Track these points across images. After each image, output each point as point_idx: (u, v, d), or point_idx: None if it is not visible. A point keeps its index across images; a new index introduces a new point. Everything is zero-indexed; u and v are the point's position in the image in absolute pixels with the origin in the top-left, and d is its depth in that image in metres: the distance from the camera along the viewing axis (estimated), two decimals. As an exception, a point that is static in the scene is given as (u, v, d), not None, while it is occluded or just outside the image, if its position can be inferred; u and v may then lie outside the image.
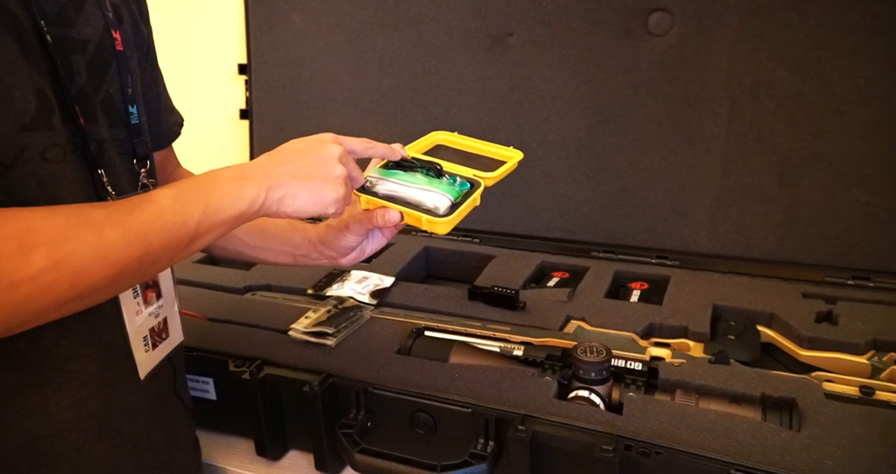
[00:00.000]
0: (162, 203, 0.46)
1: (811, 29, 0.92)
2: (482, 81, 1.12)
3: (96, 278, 0.41)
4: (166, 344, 0.61)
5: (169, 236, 0.46)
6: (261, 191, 0.51)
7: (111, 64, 0.52)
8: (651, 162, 1.04)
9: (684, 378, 0.69)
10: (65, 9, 0.48)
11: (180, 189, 0.48)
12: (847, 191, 0.94)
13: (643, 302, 0.90)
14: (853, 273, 0.93)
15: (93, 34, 0.50)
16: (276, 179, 0.52)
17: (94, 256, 0.41)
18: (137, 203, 0.45)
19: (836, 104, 0.93)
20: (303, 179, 0.53)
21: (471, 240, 1.14)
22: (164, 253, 0.46)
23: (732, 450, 0.56)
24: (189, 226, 0.47)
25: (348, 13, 1.18)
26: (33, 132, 0.45)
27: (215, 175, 0.51)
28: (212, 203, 0.48)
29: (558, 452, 0.61)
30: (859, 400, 0.66)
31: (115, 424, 0.54)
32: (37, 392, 0.48)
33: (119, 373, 0.55)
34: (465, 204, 0.61)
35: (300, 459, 0.75)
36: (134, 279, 0.48)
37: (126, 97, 0.54)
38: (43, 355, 0.48)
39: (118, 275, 0.43)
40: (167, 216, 0.46)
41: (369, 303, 0.89)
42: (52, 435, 0.49)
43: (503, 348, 0.77)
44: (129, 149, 0.55)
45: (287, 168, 0.53)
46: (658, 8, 0.99)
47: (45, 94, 0.45)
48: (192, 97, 0.90)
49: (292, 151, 0.55)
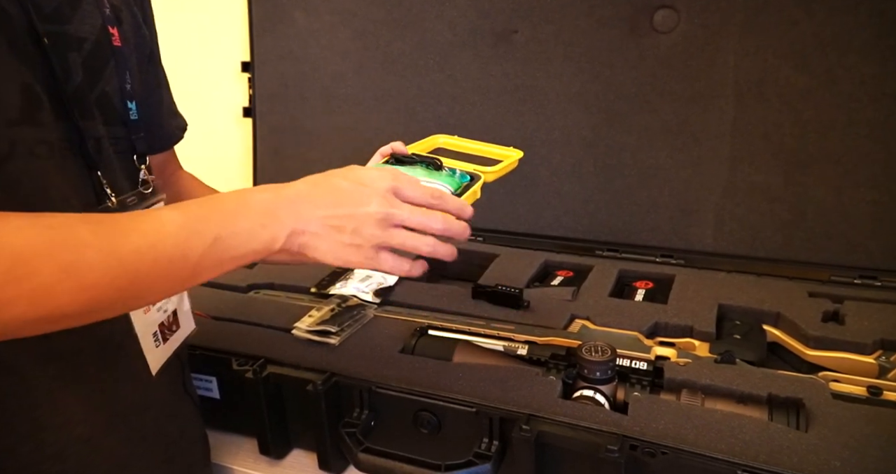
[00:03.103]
0: (165, 230, 0.42)
1: (818, 26, 0.91)
2: (486, 79, 1.11)
3: (64, 302, 0.38)
4: (177, 335, 0.61)
5: (163, 269, 0.41)
6: (282, 235, 0.46)
7: (108, 62, 0.52)
8: (656, 160, 1.04)
9: (690, 377, 0.68)
10: (61, 6, 0.48)
11: (192, 215, 0.44)
12: (854, 189, 0.94)
13: (648, 301, 0.90)
14: (860, 272, 0.93)
15: (90, 32, 0.50)
16: (305, 224, 0.47)
17: (63, 277, 0.37)
18: (137, 223, 0.42)
19: (843, 102, 0.92)
20: (329, 232, 0.48)
21: (474, 238, 1.13)
22: (153, 286, 0.42)
23: (739, 451, 0.56)
24: (190, 261, 0.43)
25: (352, 11, 1.18)
26: (20, 127, 0.44)
27: (238, 202, 0.46)
28: (224, 238, 0.44)
29: (563, 452, 0.61)
30: (867, 400, 0.66)
31: (123, 419, 0.54)
32: (43, 385, 0.48)
33: (125, 369, 0.55)
34: (466, 195, 0.61)
35: (304, 458, 0.75)
36: (114, 309, 0.43)
37: (125, 94, 0.54)
38: (47, 349, 0.48)
39: (91, 302, 0.39)
40: (166, 246, 0.41)
41: (373, 302, 0.89)
42: (58, 426, 0.49)
43: (507, 347, 0.77)
44: (127, 146, 0.55)
45: (318, 213, 0.48)
46: (663, 5, 0.98)
47: (32, 89, 0.45)
48: (195, 95, 0.90)
49: (334, 191, 0.49)
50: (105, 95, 0.52)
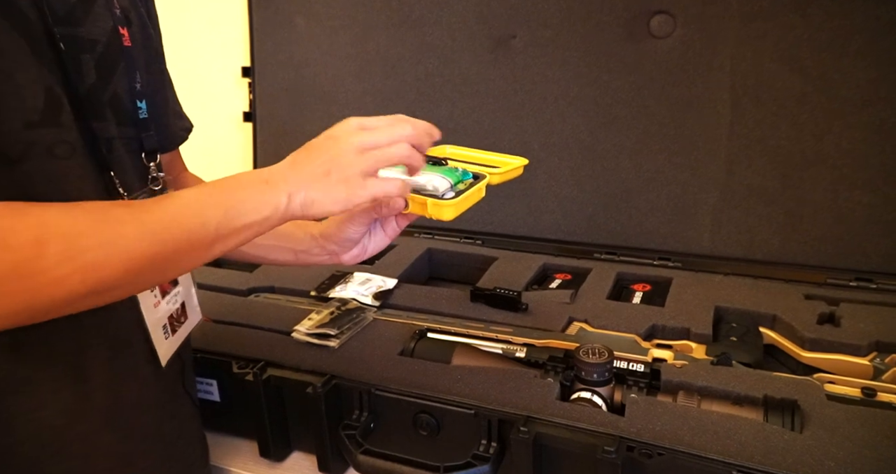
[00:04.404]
0: (181, 203, 0.46)
1: (814, 31, 0.92)
2: (485, 83, 1.12)
3: (110, 274, 0.42)
4: (185, 327, 0.62)
5: (188, 236, 0.45)
6: (282, 197, 0.50)
7: (119, 63, 0.53)
8: (654, 163, 1.04)
9: (686, 379, 0.69)
10: (74, 9, 0.48)
11: (201, 191, 0.48)
12: (850, 192, 0.94)
13: (645, 303, 0.90)
14: (856, 274, 0.93)
15: (101, 34, 0.51)
16: (295, 184, 0.50)
17: (108, 252, 0.41)
18: (157, 201, 0.46)
19: (838, 106, 0.93)
20: (318, 180, 0.51)
21: (473, 241, 1.14)
22: (182, 253, 0.46)
23: (734, 451, 0.57)
24: (209, 228, 0.46)
25: (351, 16, 1.19)
26: (41, 128, 0.45)
27: (237, 179, 0.50)
28: (233, 206, 0.48)
29: (561, 453, 0.62)
30: (861, 401, 0.66)
31: (123, 417, 0.55)
32: (47, 384, 0.49)
33: (129, 367, 0.55)
34: (471, 190, 0.61)
35: (303, 460, 0.75)
36: (151, 278, 0.48)
37: (134, 93, 0.55)
38: (52, 348, 0.49)
39: (133, 273, 0.43)
40: (186, 216, 0.46)
41: (372, 305, 0.89)
42: (59, 426, 0.50)
43: (506, 350, 0.77)
44: (137, 145, 0.56)
45: (305, 170, 0.51)
46: (660, 10, 0.99)
47: (53, 91, 0.46)
48: (196, 99, 0.91)
49: (311, 150, 0.53)
50: (116, 96, 0.53)
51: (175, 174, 0.73)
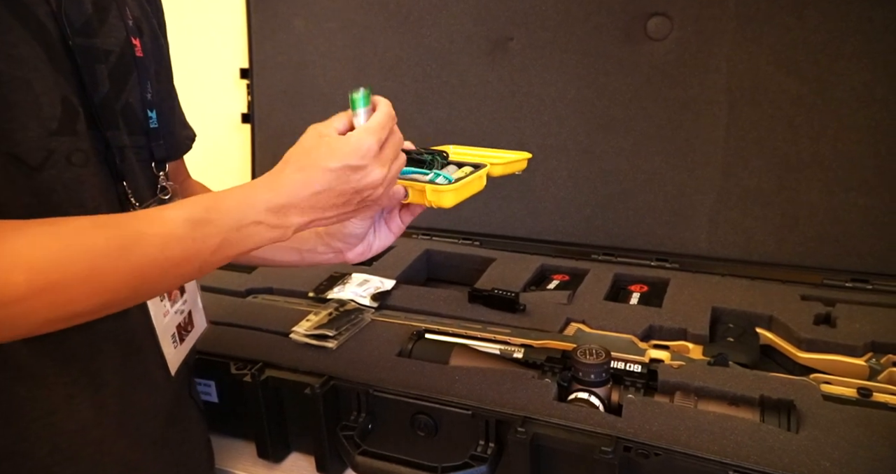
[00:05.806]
0: (174, 233, 0.43)
1: (810, 33, 0.92)
2: (483, 85, 1.12)
3: (83, 306, 0.41)
4: (192, 335, 0.62)
5: (172, 269, 0.44)
6: (291, 231, 0.49)
7: (132, 73, 0.54)
8: (651, 165, 1.05)
9: (683, 380, 0.69)
10: (90, 20, 0.49)
11: (198, 219, 0.45)
12: (846, 193, 0.95)
13: (643, 304, 0.90)
14: (852, 275, 0.94)
15: (115, 45, 0.52)
16: (312, 215, 0.49)
17: (81, 285, 0.40)
18: (146, 227, 0.43)
19: (834, 107, 0.93)
20: (333, 214, 0.51)
21: (471, 242, 1.14)
22: (162, 283, 0.45)
23: (731, 452, 0.57)
24: (197, 261, 0.45)
25: (350, 18, 1.19)
26: (60, 137, 0.46)
27: (245, 204, 0.46)
28: (231, 240, 0.46)
29: (558, 454, 0.62)
30: (857, 401, 0.67)
31: (134, 423, 0.55)
32: (61, 388, 0.49)
33: (141, 373, 0.56)
34: (471, 177, 0.61)
35: (302, 461, 0.75)
36: (126, 304, 0.46)
37: (146, 103, 0.55)
38: (67, 354, 0.49)
39: (107, 303, 0.42)
40: (175, 249, 0.43)
41: (370, 306, 0.90)
42: (73, 431, 0.50)
43: (503, 350, 0.78)
44: (147, 154, 0.56)
45: (328, 203, 0.50)
46: (657, 13, 0.99)
47: (69, 100, 0.46)
48: (194, 101, 0.90)
49: (328, 178, 0.49)
50: (129, 106, 0.53)
51: (179, 182, 0.73)
